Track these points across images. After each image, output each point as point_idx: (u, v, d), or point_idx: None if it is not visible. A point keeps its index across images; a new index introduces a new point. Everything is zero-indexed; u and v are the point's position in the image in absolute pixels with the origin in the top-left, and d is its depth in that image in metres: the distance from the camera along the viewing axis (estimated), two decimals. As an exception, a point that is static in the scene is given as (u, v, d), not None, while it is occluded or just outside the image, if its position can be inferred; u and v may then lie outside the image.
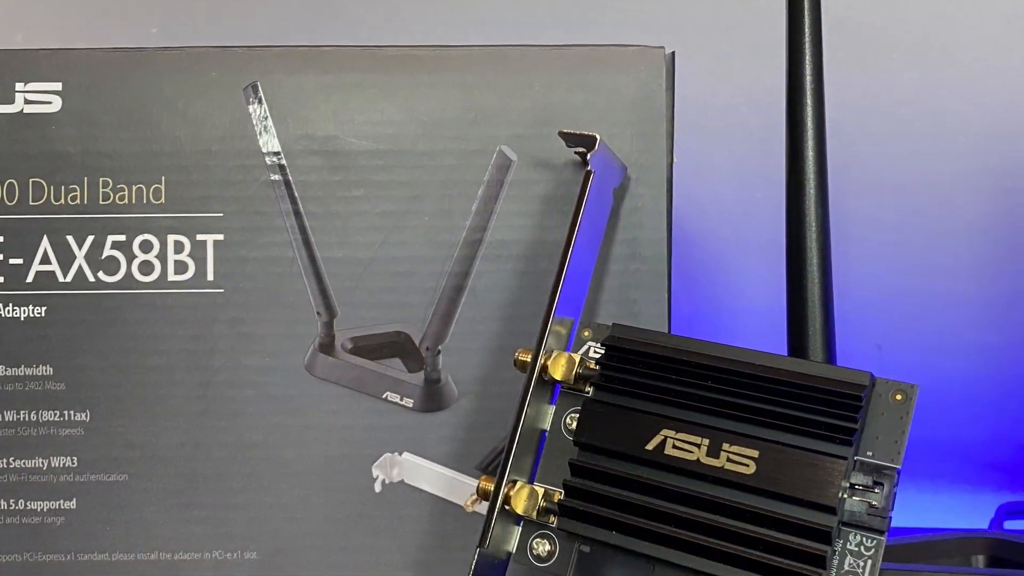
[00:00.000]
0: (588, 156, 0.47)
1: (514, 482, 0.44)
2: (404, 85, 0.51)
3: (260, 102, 0.50)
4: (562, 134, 0.49)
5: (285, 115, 0.50)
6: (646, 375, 0.44)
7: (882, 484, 0.41)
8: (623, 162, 0.50)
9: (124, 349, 0.50)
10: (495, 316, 0.50)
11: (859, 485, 0.41)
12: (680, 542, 0.42)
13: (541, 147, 0.51)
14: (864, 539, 0.41)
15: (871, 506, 0.41)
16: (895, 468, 0.41)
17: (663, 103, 0.51)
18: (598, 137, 0.47)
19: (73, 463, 0.50)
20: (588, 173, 0.47)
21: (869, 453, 0.41)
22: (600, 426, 0.44)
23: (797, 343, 0.52)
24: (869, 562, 0.41)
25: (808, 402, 0.42)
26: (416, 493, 0.50)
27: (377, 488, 0.50)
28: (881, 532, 0.41)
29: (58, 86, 0.50)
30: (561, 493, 0.44)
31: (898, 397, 0.42)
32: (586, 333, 0.47)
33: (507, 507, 0.44)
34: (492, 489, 0.45)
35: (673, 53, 0.51)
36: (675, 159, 0.51)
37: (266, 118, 0.50)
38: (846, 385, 0.42)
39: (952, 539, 0.58)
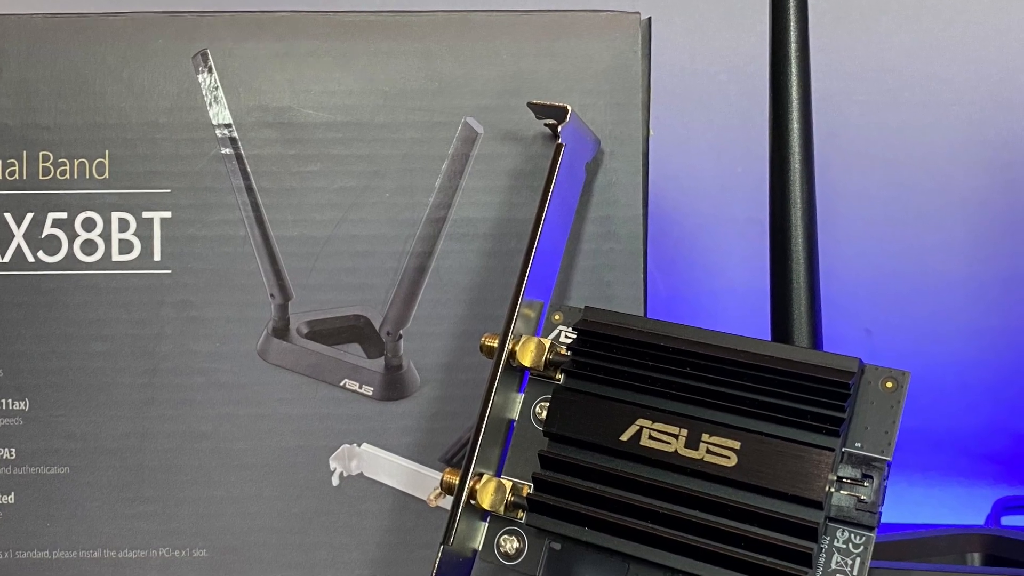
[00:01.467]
0: (559, 128, 0.45)
1: (480, 475, 0.42)
2: (363, 53, 0.49)
3: (210, 71, 0.48)
4: (531, 105, 0.47)
5: (236, 85, 0.48)
6: (620, 361, 0.42)
7: (871, 477, 0.39)
8: (596, 135, 0.48)
9: (65, 334, 0.48)
10: (460, 299, 0.48)
11: (847, 478, 0.39)
12: (657, 539, 0.40)
13: (509, 119, 0.48)
14: (852, 535, 0.39)
15: (860, 500, 0.39)
16: (885, 460, 0.39)
17: (639, 72, 0.49)
18: (570, 108, 0.45)
19: (11, 455, 0.48)
20: (559, 146, 0.44)
21: (858, 444, 0.39)
22: (571, 415, 0.42)
23: (781, 327, 0.50)
24: (858, 560, 0.39)
25: (793, 390, 0.40)
26: (376, 487, 0.48)
27: (335, 481, 0.48)
28: (870, 528, 0.39)
29: (-7, 54, 0.48)
30: (530, 487, 0.42)
31: (888, 385, 0.40)
32: (557, 317, 0.44)
33: (473, 502, 0.42)
34: (457, 483, 0.42)
35: (649, 19, 0.49)
36: (652, 131, 0.49)
37: (216, 88, 0.48)
38: (833, 372, 0.40)
39: (946, 536, 0.56)
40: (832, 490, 0.39)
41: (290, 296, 0.48)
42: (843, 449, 0.39)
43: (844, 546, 0.39)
